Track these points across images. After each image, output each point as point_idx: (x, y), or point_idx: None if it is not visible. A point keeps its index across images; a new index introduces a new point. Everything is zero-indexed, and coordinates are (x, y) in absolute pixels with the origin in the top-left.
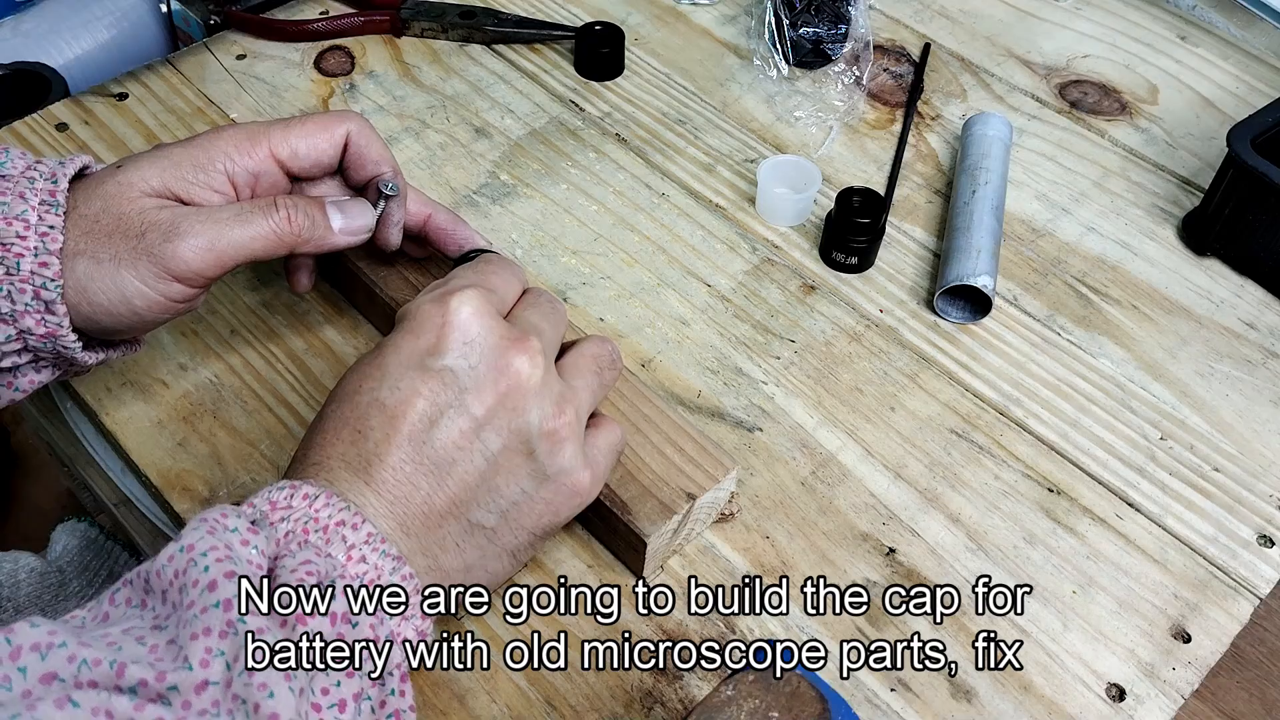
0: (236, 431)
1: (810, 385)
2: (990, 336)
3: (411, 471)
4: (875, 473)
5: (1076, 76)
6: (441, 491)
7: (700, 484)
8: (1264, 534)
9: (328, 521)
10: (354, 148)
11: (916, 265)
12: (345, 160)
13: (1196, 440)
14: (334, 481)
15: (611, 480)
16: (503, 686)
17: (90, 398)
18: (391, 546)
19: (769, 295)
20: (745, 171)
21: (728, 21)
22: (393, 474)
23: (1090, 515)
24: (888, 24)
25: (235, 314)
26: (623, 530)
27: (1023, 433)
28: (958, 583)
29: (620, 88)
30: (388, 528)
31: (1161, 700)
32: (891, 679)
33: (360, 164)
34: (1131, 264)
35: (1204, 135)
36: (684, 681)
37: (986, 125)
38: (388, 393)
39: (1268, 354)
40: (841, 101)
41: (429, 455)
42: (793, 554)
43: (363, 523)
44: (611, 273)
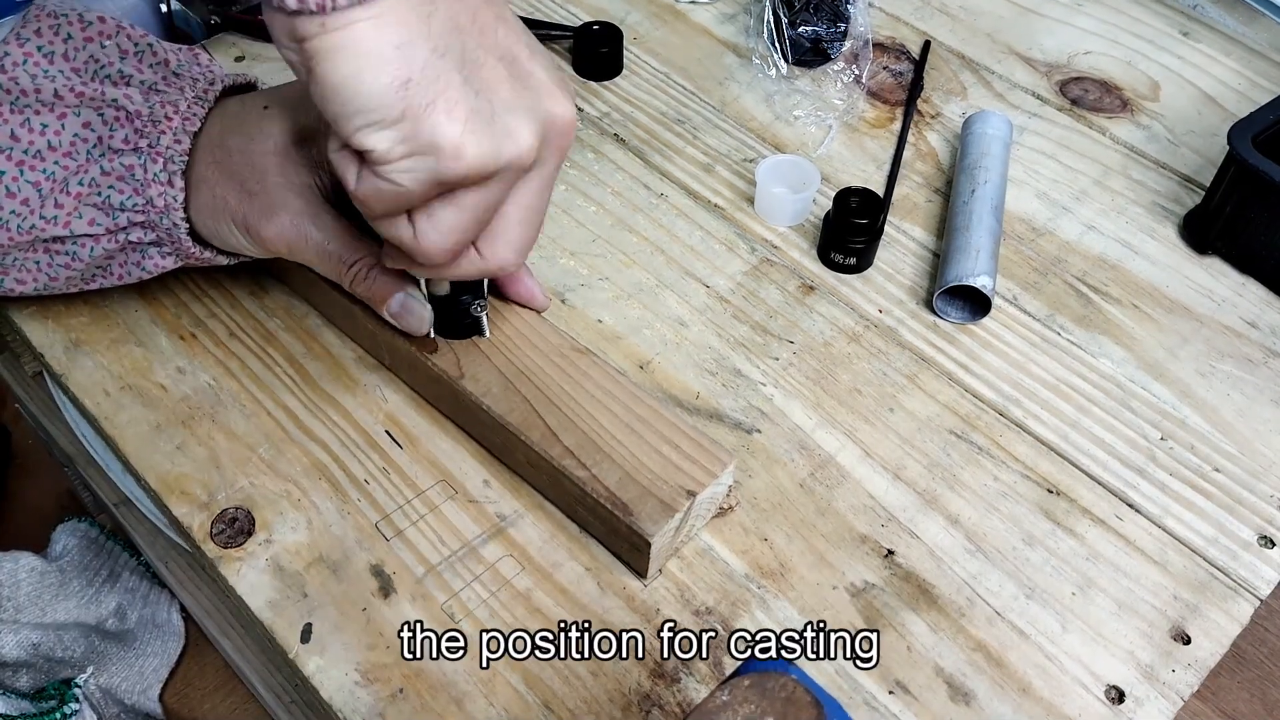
0: (235, 435)
1: (809, 386)
2: (990, 337)
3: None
4: (874, 474)
5: (1077, 73)
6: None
7: (699, 480)
8: (1264, 535)
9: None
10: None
11: (916, 265)
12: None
13: (1197, 440)
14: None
15: (610, 482)
16: (500, 690)
17: (89, 401)
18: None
19: (768, 296)
20: (744, 171)
21: (726, 20)
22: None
23: (1090, 516)
24: (887, 21)
25: (233, 318)
26: (625, 532)
27: (1022, 433)
28: (956, 584)
29: (619, 87)
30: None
31: (1161, 702)
32: (890, 681)
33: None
34: (1132, 263)
35: (1205, 132)
36: (681, 685)
37: (986, 123)
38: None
39: (1269, 353)
40: (841, 100)
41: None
42: (791, 556)
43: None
44: (610, 274)
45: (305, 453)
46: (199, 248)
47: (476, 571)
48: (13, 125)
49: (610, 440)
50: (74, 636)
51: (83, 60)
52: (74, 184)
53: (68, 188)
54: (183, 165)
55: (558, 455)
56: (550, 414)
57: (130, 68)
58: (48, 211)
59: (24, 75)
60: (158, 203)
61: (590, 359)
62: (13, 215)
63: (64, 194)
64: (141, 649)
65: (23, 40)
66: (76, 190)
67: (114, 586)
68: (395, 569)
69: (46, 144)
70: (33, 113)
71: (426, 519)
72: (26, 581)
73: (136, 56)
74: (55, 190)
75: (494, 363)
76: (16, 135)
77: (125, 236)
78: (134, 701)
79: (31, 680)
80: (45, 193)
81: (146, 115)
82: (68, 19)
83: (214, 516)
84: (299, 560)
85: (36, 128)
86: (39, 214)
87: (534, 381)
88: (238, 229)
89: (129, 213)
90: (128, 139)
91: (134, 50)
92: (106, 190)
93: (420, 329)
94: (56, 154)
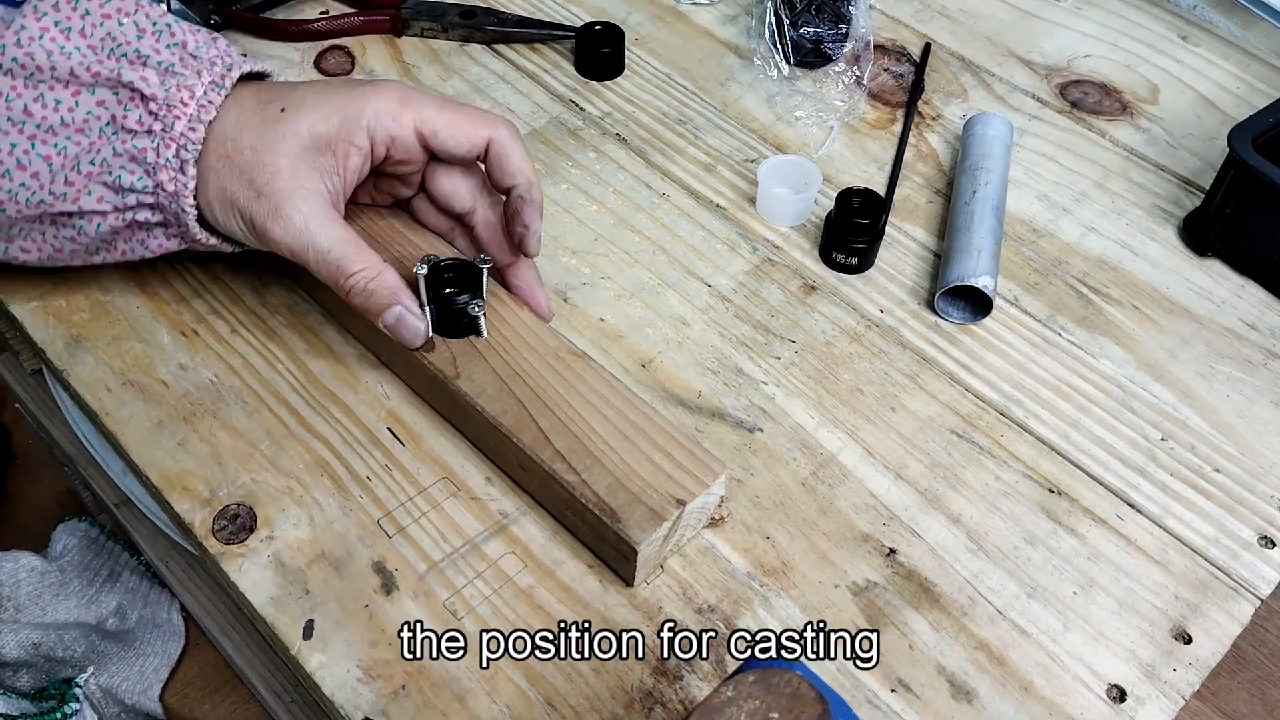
0: (237, 432)
1: (811, 385)
2: (991, 337)
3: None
4: (876, 473)
5: (1077, 76)
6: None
7: (689, 489)
8: (1265, 535)
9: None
10: (494, 154)
11: (917, 265)
12: (488, 162)
13: (1197, 441)
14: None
15: (600, 487)
16: (503, 687)
17: (90, 398)
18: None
19: (769, 295)
20: (745, 171)
21: (728, 21)
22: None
23: (1091, 516)
24: (888, 24)
25: (235, 314)
26: (612, 538)
27: (1023, 433)
28: (958, 583)
29: (620, 87)
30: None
31: (1162, 701)
32: (892, 679)
33: (500, 170)
34: (1132, 264)
35: (1205, 135)
36: (684, 682)
37: (987, 125)
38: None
39: (1269, 355)
40: (842, 101)
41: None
42: (793, 554)
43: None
44: (611, 273)
45: (307, 449)
46: (205, 233)
47: (479, 568)
48: (26, 100)
49: (602, 445)
50: (74, 636)
51: (99, 37)
52: (85, 162)
53: (79, 166)
54: (196, 154)
55: (549, 459)
56: (543, 417)
57: (148, 47)
58: (57, 188)
59: (40, 51)
60: (168, 187)
61: (586, 363)
62: (22, 188)
63: (74, 172)
64: (142, 649)
65: (40, 14)
66: (88, 169)
67: (114, 586)
68: (397, 566)
69: (59, 120)
70: (47, 88)
71: (429, 516)
72: (27, 581)
73: (155, 35)
74: (66, 167)
75: (490, 363)
76: (30, 110)
77: (133, 215)
78: (134, 701)
79: (32, 680)
80: (56, 168)
81: (162, 98)
82: None
83: (216, 513)
84: (301, 557)
85: (50, 103)
86: (48, 189)
87: (529, 384)
88: (244, 224)
89: (138, 194)
90: (141, 120)
91: (152, 29)
92: (118, 170)
93: (415, 341)
94: (69, 130)
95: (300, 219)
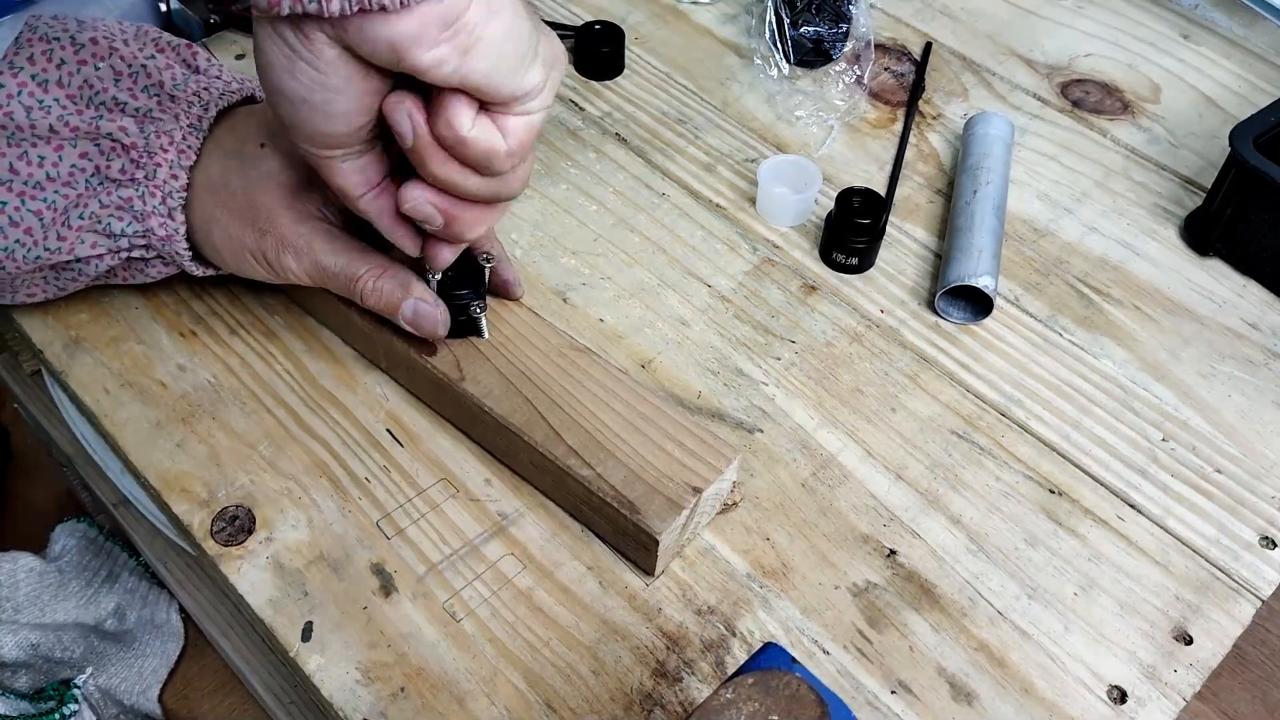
0: (235, 433)
1: (811, 386)
2: (991, 337)
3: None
4: (876, 474)
5: (1078, 75)
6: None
7: (704, 476)
8: (1266, 535)
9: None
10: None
11: (917, 265)
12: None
13: (1198, 441)
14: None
15: (615, 480)
16: (502, 689)
17: (89, 399)
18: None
19: (769, 296)
20: (745, 171)
21: (728, 20)
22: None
23: (1092, 517)
24: (889, 23)
25: (234, 315)
26: (632, 530)
27: (1024, 434)
28: (959, 584)
29: (620, 87)
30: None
31: (1163, 702)
32: (892, 681)
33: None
34: (1133, 264)
35: (1206, 135)
36: (683, 684)
37: (988, 124)
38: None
39: (1270, 355)
40: (842, 101)
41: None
42: (793, 556)
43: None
44: (611, 273)
45: (306, 450)
46: (201, 267)
47: (478, 570)
48: (10, 159)
49: (614, 439)
50: (73, 637)
51: (77, 86)
52: (75, 216)
53: (69, 220)
54: (181, 201)
55: (562, 455)
56: (552, 414)
57: (125, 93)
58: (51, 243)
59: (19, 108)
60: (159, 232)
61: (590, 357)
62: (18, 244)
63: (65, 226)
64: (141, 649)
65: (16, 69)
66: (78, 224)
67: (113, 587)
68: (396, 567)
69: (45, 175)
70: (30, 145)
71: (427, 517)
72: (25, 582)
73: (131, 78)
74: (57, 222)
75: (494, 364)
76: (15, 168)
77: (128, 255)
78: (133, 702)
79: (30, 681)
80: (48, 222)
81: (142, 146)
82: (60, 43)
83: (214, 514)
84: (300, 558)
85: (34, 160)
86: (43, 245)
87: (535, 382)
88: (259, 265)
89: (130, 238)
90: (124, 169)
91: (128, 72)
92: (107, 219)
93: (438, 331)
94: (56, 184)
95: (308, 248)
